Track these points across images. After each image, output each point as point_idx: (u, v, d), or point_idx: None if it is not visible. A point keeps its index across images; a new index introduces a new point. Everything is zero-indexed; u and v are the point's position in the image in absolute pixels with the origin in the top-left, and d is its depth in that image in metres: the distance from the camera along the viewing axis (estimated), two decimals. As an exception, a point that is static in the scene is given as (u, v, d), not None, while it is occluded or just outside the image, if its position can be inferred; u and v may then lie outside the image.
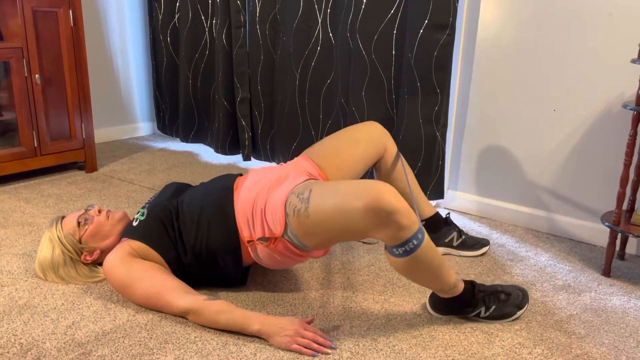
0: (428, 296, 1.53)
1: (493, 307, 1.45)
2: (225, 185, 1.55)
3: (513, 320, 1.48)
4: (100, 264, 1.65)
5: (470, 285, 1.44)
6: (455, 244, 1.88)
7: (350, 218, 1.24)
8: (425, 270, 1.32)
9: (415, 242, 1.26)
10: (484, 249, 1.90)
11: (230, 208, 1.48)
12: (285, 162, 2.73)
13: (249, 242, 1.45)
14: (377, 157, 1.76)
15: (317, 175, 1.63)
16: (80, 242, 1.58)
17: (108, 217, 1.62)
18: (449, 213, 1.93)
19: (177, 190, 1.65)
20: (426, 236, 1.29)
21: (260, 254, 1.45)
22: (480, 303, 1.45)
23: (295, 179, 1.46)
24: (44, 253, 1.59)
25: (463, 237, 1.88)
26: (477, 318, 1.47)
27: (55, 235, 1.57)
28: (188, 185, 1.72)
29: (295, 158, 1.69)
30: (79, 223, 1.59)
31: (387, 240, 1.26)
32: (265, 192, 1.45)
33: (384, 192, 1.21)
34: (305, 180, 1.45)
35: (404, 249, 1.26)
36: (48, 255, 1.58)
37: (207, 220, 1.49)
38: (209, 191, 1.55)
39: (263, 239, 1.41)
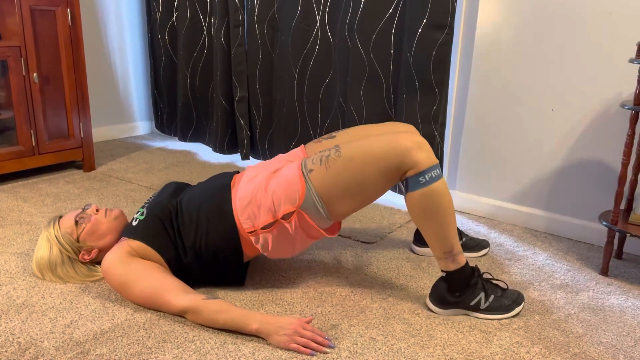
0: (428, 294, 1.54)
1: (492, 296, 1.47)
2: (222, 183, 1.56)
3: (512, 316, 1.49)
4: (99, 263, 1.65)
5: (470, 267, 1.48)
6: None
7: (376, 154, 1.37)
8: (439, 215, 1.39)
9: (433, 174, 1.37)
10: (485, 251, 1.90)
11: (228, 204, 1.49)
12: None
13: (251, 232, 1.45)
14: None
15: None
16: (78, 240, 1.58)
17: (105, 215, 1.62)
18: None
19: (176, 189, 1.66)
20: (444, 180, 1.40)
21: (267, 240, 1.47)
22: (480, 288, 1.46)
23: (295, 163, 1.50)
24: (41, 253, 1.59)
25: (464, 239, 1.89)
26: (477, 311, 1.47)
27: (53, 234, 1.57)
28: (187, 185, 1.72)
29: (293, 150, 1.70)
30: (76, 222, 1.59)
31: (408, 171, 1.37)
32: (265, 182, 1.47)
33: (404, 138, 1.37)
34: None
35: (423, 177, 1.36)
36: (45, 255, 1.58)
37: (206, 218, 1.49)
38: (207, 190, 1.56)
39: (267, 225, 1.44)
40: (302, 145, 1.70)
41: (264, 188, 1.46)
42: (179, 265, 1.52)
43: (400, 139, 1.38)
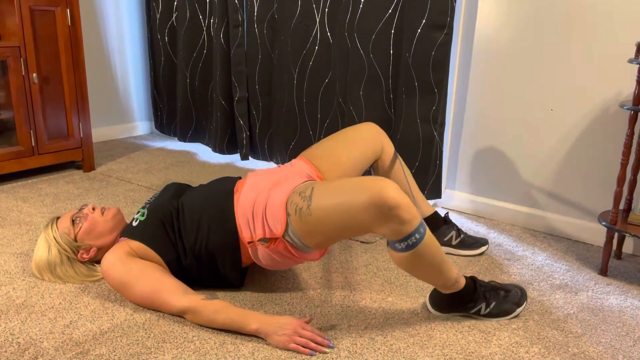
0: (428, 295, 1.54)
1: (493, 303, 1.47)
2: (226, 188, 1.55)
3: (512, 318, 1.49)
4: (98, 262, 1.65)
5: (471, 280, 1.46)
6: (454, 242, 1.88)
7: (352, 213, 1.26)
8: (428, 265, 1.34)
9: (417, 236, 1.27)
10: (483, 248, 1.90)
11: (231, 210, 1.48)
12: (283, 161, 2.74)
13: (249, 243, 1.45)
14: (374, 158, 1.77)
15: (316, 177, 1.63)
16: (75, 240, 1.58)
17: (102, 214, 1.62)
18: (447, 212, 1.93)
19: (178, 191, 1.65)
20: (428, 231, 1.31)
21: (260, 254, 1.45)
22: (481, 299, 1.46)
23: (295, 179, 1.47)
24: (39, 253, 1.59)
25: (462, 236, 1.89)
26: (477, 315, 1.47)
27: (51, 235, 1.57)
28: (188, 186, 1.72)
29: (293, 160, 1.70)
30: (73, 221, 1.59)
31: (389, 235, 1.28)
32: (265, 193, 1.45)
33: (386, 187, 1.23)
34: (305, 181, 1.46)
35: (406, 243, 1.28)
36: (44, 256, 1.58)
37: (208, 222, 1.49)
38: (210, 194, 1.55)
39: (264, 239, 1.42)
40: (304, 158, 1.69)
41: (263, 202, 1.44)
42: (179, 267, 1.52)
43: (378, 201, 1.23)
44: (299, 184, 1.44)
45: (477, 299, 1.45)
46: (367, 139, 1.74)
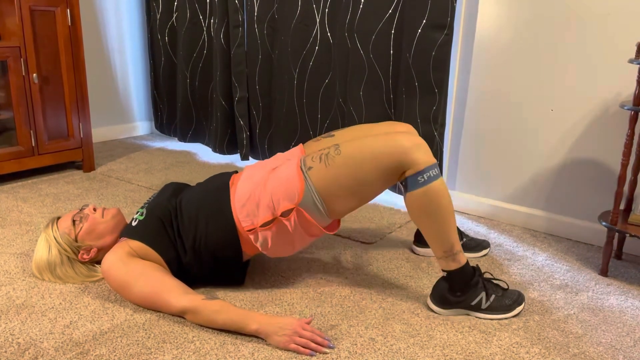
0: (429, 294, 1.54)
1: (493, 296, 1.48)
2: (221, 182, 1.57)
3: (512, 316, 1.49)
4: (98, 263, 1.65)
5: (471, 266, 1.49)
6: None
7: (378, 151, 1.38)
8: (438, 212, 1.39)
9: (432, 173, 1.37)
10: (485, 251, 1.90)
11: (227, 203, 1.49)
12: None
13: (250, 230, 1.46)
14: None
15: None
16: (76, 240, 1.58)
17: (103, 214, 1.63)
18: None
19: (176, 190, 1.66)
20: (442, 179, 1.41)
21: (267, 238, 1.47)
22: (480, 287, 1.47)
23: (294, 160, 1.50)
24: (40, 254, 1.59)
25: (464, 239, 1.89)
26: (478, 311, 1.48)
27: (52, 235, 1.57)
28: (186, 185, 1.72)
29: (291, 149, 1.71)
30: (74, 222, 1.59)
31: (409, 166, 1.37)
32: (264, 179, 1.48)
33: (407, 143, 1.38)
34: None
35: (422, 177, 1.37)
36: (44, 256, 1.58)
37: (205, 217, 1.50)
38: (206, 190, 1.56)
39: (266, 223, 1.44)
40: (301, 144, 1.70)
41: (262, 186, 1.46)
42: (179, 266, 1.52)
43: (399, 138, 1.38)
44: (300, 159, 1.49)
45: (476, 285, 1.47)
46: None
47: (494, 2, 2.10)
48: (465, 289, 1.46)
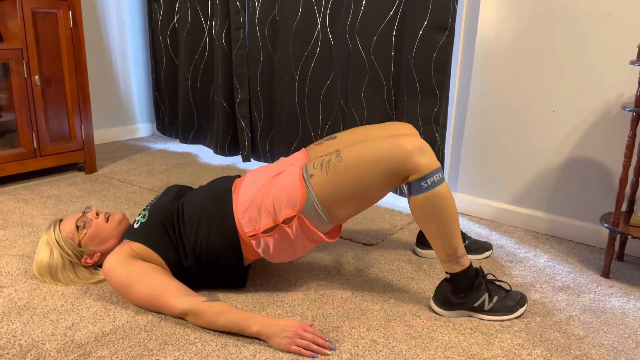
0: (432, 296, 1.54)
1: (496, 297, 1.48)
2: (223, 187, 1.56)
3: (515, 317, 1.49)
4: (101, 266, 1.65)
5: (474, 268, 1.49)
6: None
7: (381, 156, 1.37)
8: (442, 216, 1.39)
9: (436, 177, 1.37)
10: (487, 253, 1.90)
11: (229, 208, 1.49)
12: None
13: (252, 236, 1.45)
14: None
15: None
16: (79, 245, 1.58)
17: (107, 219, 1.62)
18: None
19: (179, 192, 1.66)
20: (446, 183, 1.40)
21: (269, 244, 1.46)
22: (483, 289, 1.47)
23: (297, 165, 1.50)
24: (41, 256, 1.58)
25: (467, 241, 1.89)
26: (481, 312, 1.47)
27: (54, 239, 1.57)
28: (189, 188, 1.72)
29: (294, 154, 1.71)
30: (77, 227, 1.58)
31: (413, 171, 1.36)
32: (266, 186, 1.47)
33: (410, 147, 1.37)
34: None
35: (426, 182, 1.36)
36: (45, 259, 1.57)
37: (207, 221, 1.50)
38: (208, 193, 1.56)
39: (268, 229, 1.43)
40: (304, 148, 1.70)
41: (265, 192, 1.46)
42: (180, 268, 1.52)
43: (402, 142, 1.37)
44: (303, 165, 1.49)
45: (479, 286, 1.47)
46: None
47: (495, 4, 2.10)
48: (468, 290, 1.46)
